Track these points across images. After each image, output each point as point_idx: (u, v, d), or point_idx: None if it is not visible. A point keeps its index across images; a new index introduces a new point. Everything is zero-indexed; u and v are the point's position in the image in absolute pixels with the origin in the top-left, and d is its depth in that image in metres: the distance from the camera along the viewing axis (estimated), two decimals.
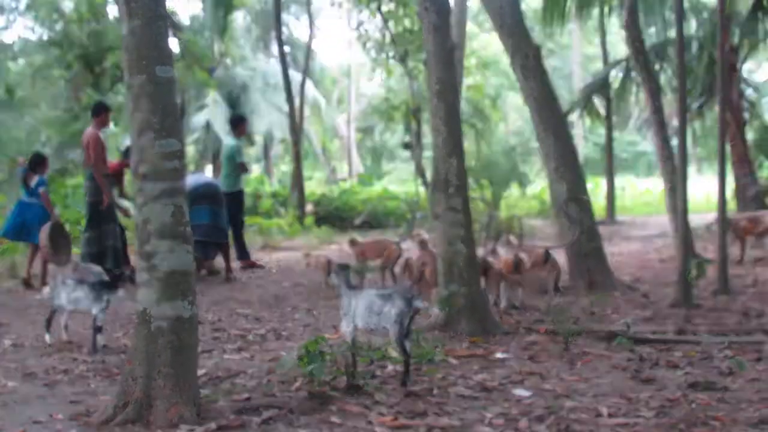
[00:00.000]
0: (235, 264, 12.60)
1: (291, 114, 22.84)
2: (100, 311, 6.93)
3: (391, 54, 21.39)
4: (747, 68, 22.35)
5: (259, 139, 39.08)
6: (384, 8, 20.49)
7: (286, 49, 30.67)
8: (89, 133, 10.90)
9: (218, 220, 11.74)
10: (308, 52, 27.64)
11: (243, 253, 12.96)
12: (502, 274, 8.78)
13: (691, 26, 17.78)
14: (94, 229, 10.89)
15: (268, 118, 33.38)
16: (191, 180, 11.52)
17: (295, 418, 4.80)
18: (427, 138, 33.23)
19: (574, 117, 20.70)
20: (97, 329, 6.91)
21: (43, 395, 5.50)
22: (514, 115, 49.34)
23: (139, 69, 4.86)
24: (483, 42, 40.02)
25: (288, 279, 11.80)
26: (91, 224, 10.93)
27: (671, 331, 7.30)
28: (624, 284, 10.29)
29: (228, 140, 13.80)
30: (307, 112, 34.18)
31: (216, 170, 12.95)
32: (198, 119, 31.50)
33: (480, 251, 9.10)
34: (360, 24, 22.00)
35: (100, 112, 10.96)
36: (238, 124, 13.04)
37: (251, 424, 4.69)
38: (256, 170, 39.59)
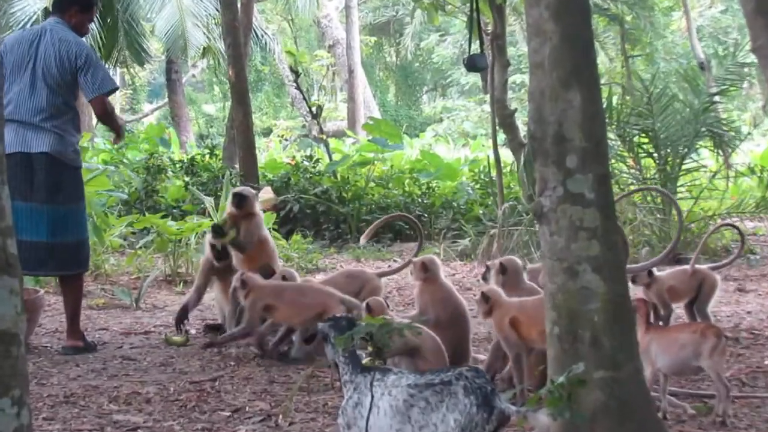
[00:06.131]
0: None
1: None
2: None
3: None
4: None
5: (155, 49, 34.13)
6: None
7: None
8: None
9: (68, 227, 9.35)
10: None
11: None
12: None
13: None
14: None
15: (173, 5, 29.36)
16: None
17: None
18: (521, 48, 29.69)
19: None
20: None
21: None
22: (702, 1, 44.77)
23: None
24: None
25: (222, 348, 9.09)
26: None
27: None
28: None
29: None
30: None
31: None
32: (25, 7, 28.06)
33: None
34: None
35: None
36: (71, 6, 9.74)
37: None
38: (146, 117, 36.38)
